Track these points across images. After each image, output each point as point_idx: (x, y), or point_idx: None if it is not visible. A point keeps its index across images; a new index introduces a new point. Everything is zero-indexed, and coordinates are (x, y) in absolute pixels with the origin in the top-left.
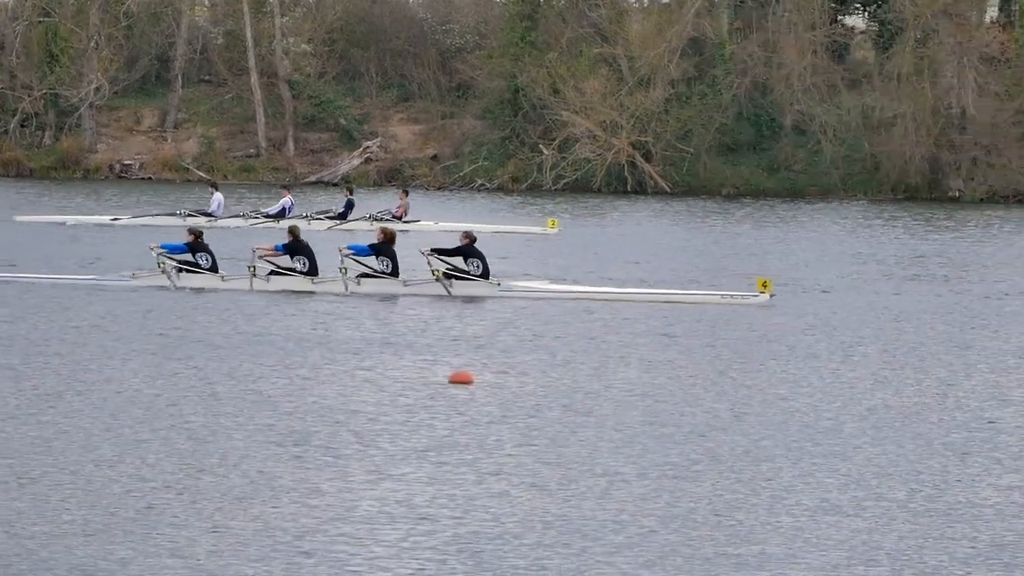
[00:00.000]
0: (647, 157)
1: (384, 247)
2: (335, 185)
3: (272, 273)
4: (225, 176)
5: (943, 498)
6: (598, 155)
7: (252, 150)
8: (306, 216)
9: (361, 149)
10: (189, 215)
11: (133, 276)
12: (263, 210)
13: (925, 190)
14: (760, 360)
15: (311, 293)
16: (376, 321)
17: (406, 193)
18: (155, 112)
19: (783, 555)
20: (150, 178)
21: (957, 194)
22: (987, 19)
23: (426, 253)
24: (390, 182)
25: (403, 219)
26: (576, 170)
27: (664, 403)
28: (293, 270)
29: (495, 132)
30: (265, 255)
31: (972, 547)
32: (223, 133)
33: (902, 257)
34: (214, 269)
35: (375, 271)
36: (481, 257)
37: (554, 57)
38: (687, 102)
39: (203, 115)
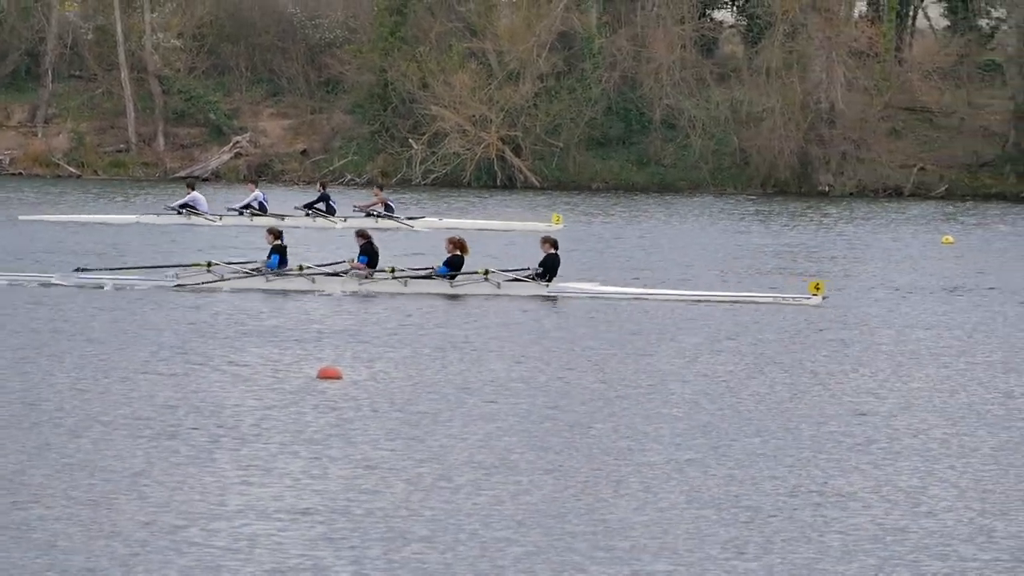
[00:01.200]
0: (517, 151)
1: (455, 259)
2: (205, 180)
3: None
4: (96, 172)
5: (821, 490)
6: (467, 149)
7: (122, 145)
8: (308, 214)
9: (231, 144)
10: (179, 211)
11: (177, 276)
12: (235, 206)
13: (794, 184)
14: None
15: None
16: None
17: (380, 188)
18: (25, 107)
19: (655, 548)
20: (20, 173)
21: (826, 188)
22: (855, 14)
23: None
24: (260, 177)
25: (370, 213)
26: (446, 164)
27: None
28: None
29: (364, 127)
30: (357, 271)
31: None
32: (93, 128)
33: (763, 249)
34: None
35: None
36: (553, 268)
37: (423, 51)
38: (556, 96)
39: (73, 110)
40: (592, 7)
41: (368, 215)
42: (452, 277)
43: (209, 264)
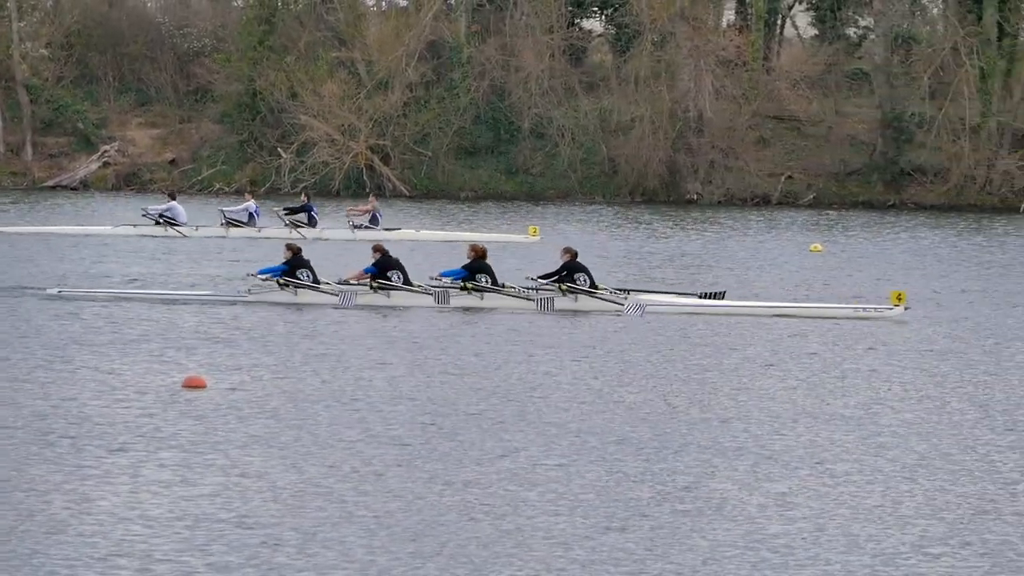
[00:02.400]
0: (385, 160)
1: (479, 264)
2: (74, 189)
3: (381, 288)
4: None
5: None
6: (336, 159)
7: None
8: (286, 224)
9: (99, 153)
10: (157, 222)
11: (249, 292)
12: (227, 213)
13: (663, 193)
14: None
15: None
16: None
17: (376, 196)
18: None
19: (518, 553)
20: None
21: (695, 197)
22: (724, 23)
23: (535, 279)
24: (128, 186)
25: (364, 225)
26: (314, 174)
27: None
28: (390, 282)
29: (233, 136)
30: (355, 279)
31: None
32: None
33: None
34: (316, 283)
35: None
36: (586, 271)
37: (292, 61)
38: (425, 105)
39: None
40: (461, 16)
41: (355, 227)
42: (468, 281)
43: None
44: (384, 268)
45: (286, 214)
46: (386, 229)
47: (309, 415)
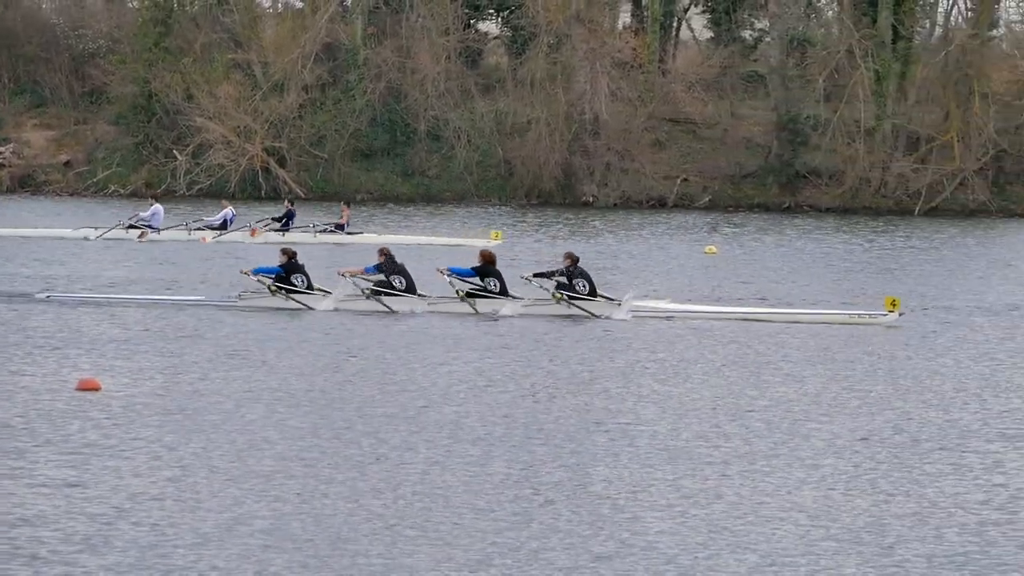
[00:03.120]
0: (281, 163)
1: (487, 268)
2: None
3: (375, 293)
4: None
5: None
6: (232, 161)
7: None
8: (249, 227)
9: None
10: (131, 226)
11: (239, 297)
12: (206, 219)
13: (559, 195)
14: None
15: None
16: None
17: (348, 205)
18: None
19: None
20: None
21: (590, 199)
22: (620, 25)
23: (528, 278)
24: (23, 188)
25: (345, 230)
26: (210, 176)
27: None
28: (393, 288)
29: (128, 138)
30: (352, 274)
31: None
32: None
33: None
34: (310, 288)
35: (484, 290)
36: (587, 277)
37: (188, 62)
38: (321, 107)
39: None
40: (357, 18)
41: (323, 231)
42: (478, 288)
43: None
44: (389, 271)
45: (272, 222)
46: (348, 233)
47: (202, 418)
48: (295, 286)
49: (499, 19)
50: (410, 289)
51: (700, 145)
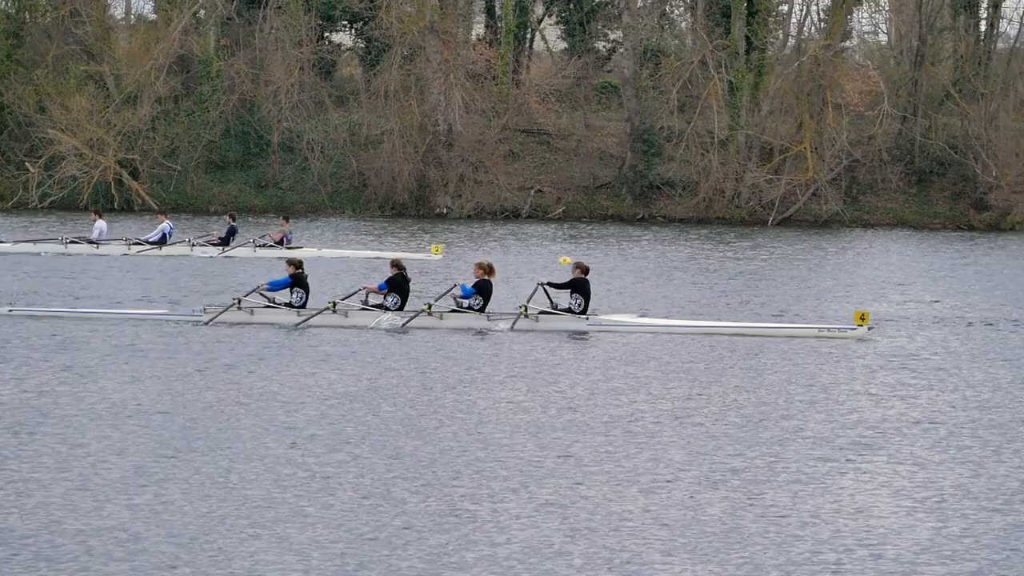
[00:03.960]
0: (134, 175)
1: (482, 283)
2: None
3: (365, 307)
4: None
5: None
6: (85, 173)
7: None
8: (190, 242)
9: None
10: (71, 242)
11: (204, 311)
12: (143, 237)
13: (413, 207)
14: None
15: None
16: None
17: (287, 219)
18: None
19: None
20: None
21: (444, 211)
22: (473, 36)
23: (543, 284)
24: None
25: (284, 244)
26: (62, 188)
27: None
28: (383, 306)
29: None
30: (371, 292)
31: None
32: None
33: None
34: (303, 305)
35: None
36: (584, 294)
37: (40, 74)
38: (175, 119)
39: None
40: (210, 30)
41: (259, 246)
42: (481, 304)
43: (239, 302)
44: (395, 287)
45: (218, 240)
46: (288, 248)
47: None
48: (291, 301)
49: (352, 31)
50: (401, 308)
51: (554, 156)
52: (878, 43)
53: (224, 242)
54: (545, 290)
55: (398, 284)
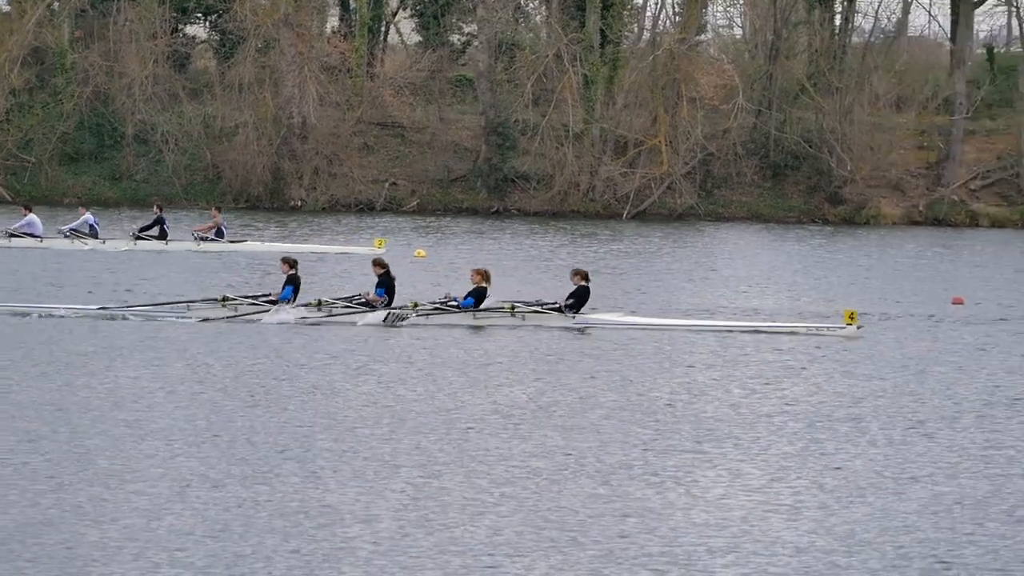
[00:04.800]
0: None
1: (479, 290)
2: None
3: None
4: None
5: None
6: None
7: None
8: (132, 235)
9: None
10: (12, 235)
11: (188, 308)
12: (65, 227)
13: (267, 199)
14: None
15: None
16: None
17: (219, 210)
18: None
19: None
20: None
21: (299, 203)
22: (328, 29)
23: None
24: None
25: (209, 238)
26: None
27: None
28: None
29: None
30: (372, 300)
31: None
32: None
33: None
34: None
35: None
36: (583, 299)
37: None
38: (29, 112)
39: None
40: (64, 22)
41: (202, 239)
42: (476, 308)
43: (225, 299)
44: (387, 287)
45: (138, 232)
46: (231, 241)
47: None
48: (256, 299)
49: (207, 23)
50: (389, 303)
51: (408, 149)
52: (733, 37)
53: (163, 235)
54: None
55: (387, 284)
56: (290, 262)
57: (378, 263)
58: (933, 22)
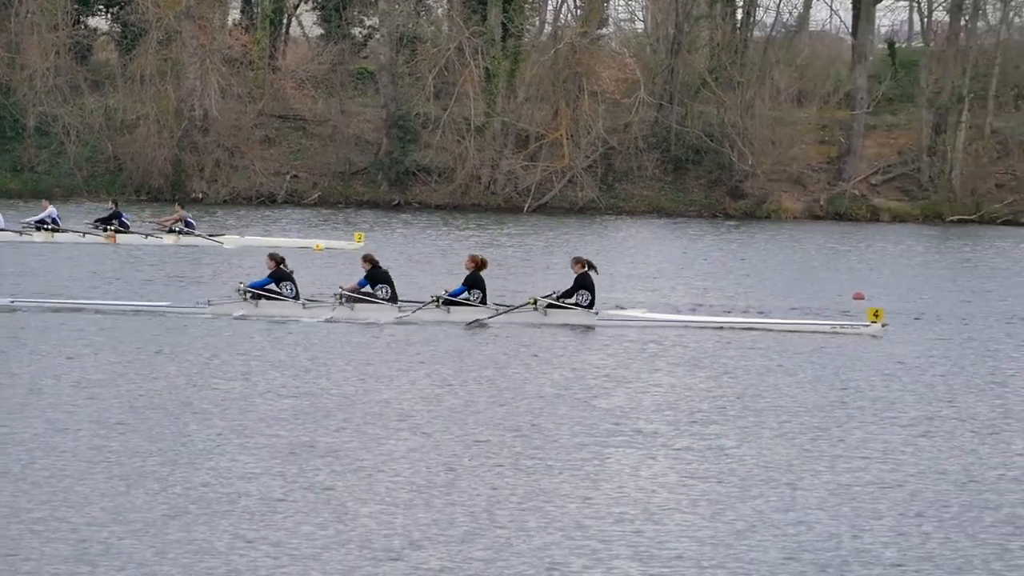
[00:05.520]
0: None
1: (474, 276)
2: None
3: (351, 300)
4: None
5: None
6: None
7: None
8: (82, 231)
9: None
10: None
11: (209, 304)
12: (29, 219)
13: (169, 191)
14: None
15: (397, 322)
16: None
17: (182, 206)
18: None
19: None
20: None
21: (200, 196)
22: (230, 21)
23: (551, 299)
24: None
25: (172, 230)
26: None
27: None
28: (374, 296)
29: None
30: (348, 292)
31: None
32: None
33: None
34: (296, 298)
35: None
36: (590, 288)
37: None
38: None
39: None
40: None
41: (170, 231)
42: (477, 297)
43: (246, 292)
44: (374, 280)
45: (96, 223)
46: (210, 235)
47: None
48: (281, 294)
49: (109, 15)
50: (394, 299)
51: (310, 142)
52: (634, 31)
53: (123, 227)
54: (558, 304)
55: (378, 278)
56: (276, 259)
57: (368, 259)
58: (834, 17)
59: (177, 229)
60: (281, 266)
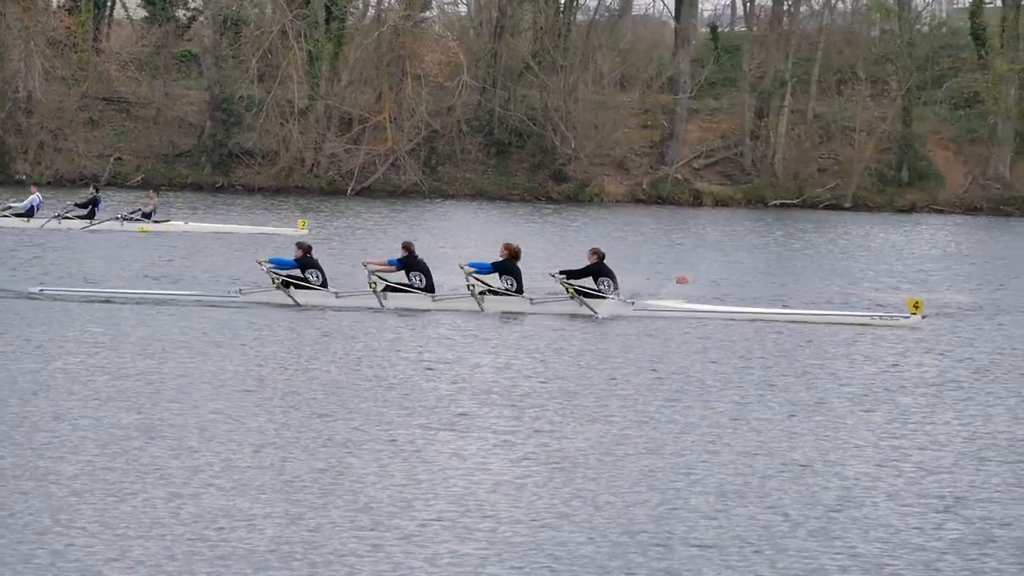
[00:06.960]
0: None
1: (508, 264)
2: None
3: (388, 289)
4: None
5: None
6: None
7: None
8: (57, 215)
9: None
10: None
11: (240, 292)
12: (11, 204)
13: None
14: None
15: (428, 311)
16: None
17: (156, 193)
18: None
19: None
20: None
21: (24, 177)
22: (54, 3)
23: (556, 276)
24: None
25: (151, 218)
26: None
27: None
28: (411, 286)
29: None
30: (377, 270)
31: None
32: None
33: None
34: (324, 286)
35: (499, 289)
36: (611, 275)
37: None
38: None
39: None
40: None
41: (144, 216)
42: (515, 285)
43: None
44: (410, 267)
45: (76, 207)
46: (155, 221)
47: None
48: (308, 282)
49: None
50: (429, 288)
51: (134, 124)
52: (458, 14)
53: (90, 215)
54: (564, 284)
55: (415, 264)
56: (304, 247)
57: (406, 247)
58: (658, 1)
59: (135, 217)
60: (308, 254)
